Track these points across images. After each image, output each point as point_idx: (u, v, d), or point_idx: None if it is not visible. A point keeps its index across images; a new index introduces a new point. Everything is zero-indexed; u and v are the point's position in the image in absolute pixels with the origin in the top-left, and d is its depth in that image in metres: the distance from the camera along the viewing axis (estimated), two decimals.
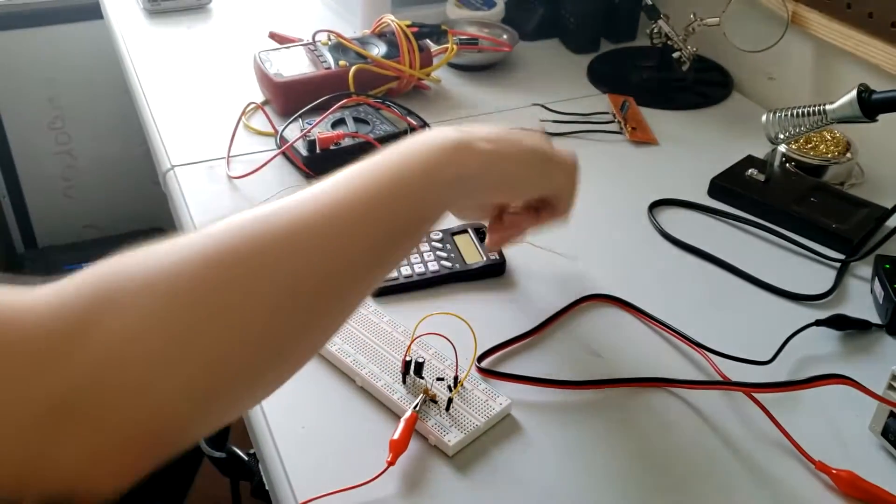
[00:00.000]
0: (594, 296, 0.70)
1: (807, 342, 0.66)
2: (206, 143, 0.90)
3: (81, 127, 1.68)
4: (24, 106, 1.62)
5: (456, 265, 0.71)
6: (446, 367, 0.60)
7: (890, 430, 0.56)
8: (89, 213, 1.77)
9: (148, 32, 1.16)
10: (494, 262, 0.72)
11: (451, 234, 0.74)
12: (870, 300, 0.72)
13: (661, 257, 0.77)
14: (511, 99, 1.02)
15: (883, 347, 0.67)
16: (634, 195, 0.84)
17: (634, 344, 0.66)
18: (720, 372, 0.62)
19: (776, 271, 0.74)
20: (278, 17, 1.22)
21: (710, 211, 0.83)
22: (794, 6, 0.94)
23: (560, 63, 1.14)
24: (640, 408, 0.60)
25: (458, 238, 0.74)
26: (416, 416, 0.56)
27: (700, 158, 0.91)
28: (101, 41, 1.41)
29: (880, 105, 0.74)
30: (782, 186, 0.84)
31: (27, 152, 1.66)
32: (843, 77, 0.93)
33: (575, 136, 0.95)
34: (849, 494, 0.54)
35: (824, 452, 0.56)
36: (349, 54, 0.97)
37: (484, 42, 1.09)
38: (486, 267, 0.71)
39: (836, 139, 0.88)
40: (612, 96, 1.02)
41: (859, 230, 0.78)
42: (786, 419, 0.58)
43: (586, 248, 0.77)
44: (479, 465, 0.55)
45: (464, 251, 0.73)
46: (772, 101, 1.03)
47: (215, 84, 1.03)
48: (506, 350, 0.64)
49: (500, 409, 0.58)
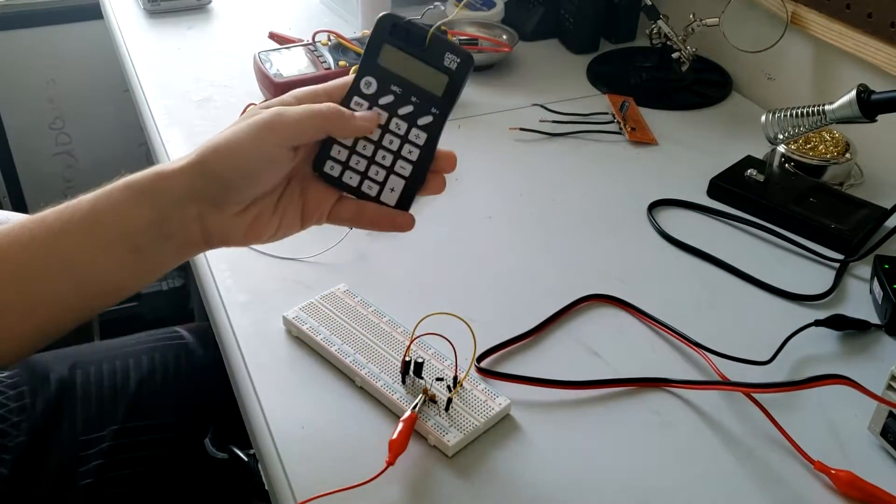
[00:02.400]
0: (594, 296, 0.70)
1: (806, 342, 0.66)
2: None
3: (81, 127, 1.68)
4: (24, 106, 1.62)
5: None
6: (446, 368, 0.60)
7: (889, 430, 0.57)
8: None
9: (148, 32, 1.16)
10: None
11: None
12: (869, 300, 0.72)
13: (661, 257, 0.77)
14: (511, 99, 1.03)
15: (882, 347, 0.67)
16: (634, 195, 0.84)
17: (634, 344, 0.66)
18: (719, 372, 0.62)
19: (775, 271, 0.74)
20: (278, 18, 1.22)
21: (709, 211, 0.83)
22: (793, 6, 0.94)
23: (560, 63, 1.14)
24: (639, 408, 0.60)
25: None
26: (415, 416, 0.56)
27: (699, 159, 0.91)
28: (101, 41, 1.41)
29: (880, 105, 0.74)
30: (782, 187, 0.84)
31: (27, 152, 1.66)
32: (843, 77, 0.93)
33: (574, 137, 0.95)
34: (848, 495, 0.54)
35: (823, 452, 0.56)
36: (349, 54, 0.97)
37: (484, 42, 1.09)
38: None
39: (835, 139, 0.88)
40: (612, 96, 1.02)
41: (858, 230, 0.78)
42: (785, 419, 0.58)
43: (585, 248, 0.77)
44: (479, 465, 0.55)
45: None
46: (771, 101, 1.03)
47: (215, 84, 1.03)
48: (505, 350, 0.64)
49: (499, 410, 0.58)
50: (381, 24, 0.52)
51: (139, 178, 0.50)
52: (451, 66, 0.51)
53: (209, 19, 1.21)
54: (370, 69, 0.52)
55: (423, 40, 0.51)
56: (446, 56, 0.51)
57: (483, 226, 0.80)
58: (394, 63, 0.52)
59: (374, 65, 0.52)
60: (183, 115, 0.96)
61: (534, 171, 0.89)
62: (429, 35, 0.51)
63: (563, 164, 0.90)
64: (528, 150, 0.93)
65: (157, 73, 1.05)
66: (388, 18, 0.52)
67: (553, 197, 0.85)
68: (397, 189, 0.54)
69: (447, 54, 0.51)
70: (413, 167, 0.53)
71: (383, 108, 0.53)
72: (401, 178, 0.54)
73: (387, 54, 0.52)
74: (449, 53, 0.51)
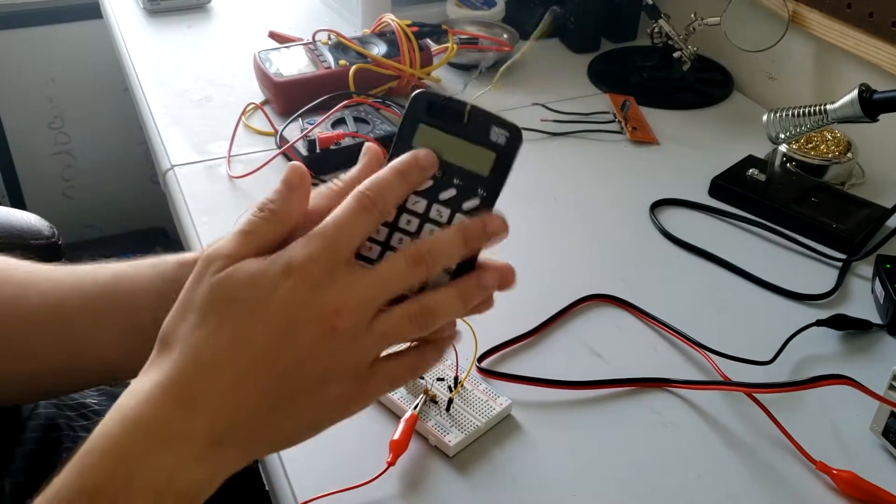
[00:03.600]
0: (594, 296, 0.70)
1: (807, 342, 0.66)
2: (205, 143, 0.90)
3: (81, 126, 1.68)
4: (23, 105, 1.62)
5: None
6: (446, 368, 0.60)
7: (891, 430, 0.56)
8: (89, 212, 1.77)
9: (148, 32, 1.16)
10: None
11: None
12: (870, 300, 0.72)
13: (662, 257, 0.76)
14: (511, 99, 1.02)
15: (883, 347, 0.67)
16: (635, 195, 0.84)
17: (634, 344, 0.66)
18: (721, 372, 0.62)
19: (777, 271, 0.74)
20: (278, 17, 1.22)
21: (711, 211, 0.83)
22: (794, 6, 0.94)
23: (560, 62, 1.13)
24: (640, 408, 0.60)
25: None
26: (416, 416, 0.55)
27: (701, 158, 0.91)
28: (100, 41, 1.41)
29: (881, 105, 0.74)
30: (783, 186, 0.84)
31: (27, 152, 1.66)
32: (844, 77, 0.93)
33: (575, 136, 0.95)
34: (849, 495, 0.54)
35: (825, 453, 0.56)
36: (349, 54, 0.96)
37: (484, 41, 1.09)
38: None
39: (836, 139, 0.88)
40: (613, 96, 1.02)
41: (860, 230, 0.77)
42: (786, 419, 0.57)
43: (587, 247, 0.77)
44: (480, 465, 0.55)
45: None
46: (772, 100, 1.03)
47: (215, 84, 1.02)
48: (506, 350, 0.64)
49: (500, 410, 0.57)
50: (415, 103, 0.45)
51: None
52: (499, 140, 0.44)
53: (209, 18, 1.21)
54: (404, 152, 0.44)
55: (462, 116, 0.44)
56: (492, 130, 0.44)
57: None
58: (431, 144, 0.44)
59: (408, 147, 0.44)
60: (182, 114, 0.96)
61: (535, 171, 0.88)
62: (467, 111, 0.44)
63: (564, 164, 0.90)
64: (529, 149, 0.92)
65: (156, 72, 1.05)
66: (424, 97, 0.45)
67: (554, 196, 0.85)
68: (442, 281, 0.44)
69: (493, 128, 0.44)
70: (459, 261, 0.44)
71: (421, 194, 0.44)
72: (446, 274, 0.44)
73: (423, 135, 0.45)
74: (495, 127, 0.44)
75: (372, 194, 0.40)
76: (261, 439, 0.39)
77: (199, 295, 0.38)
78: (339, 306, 0.38)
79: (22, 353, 0.50)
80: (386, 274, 0.40)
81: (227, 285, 0.38)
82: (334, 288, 0.38)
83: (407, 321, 0.40)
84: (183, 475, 0.36)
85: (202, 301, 0.38)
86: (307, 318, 0.37)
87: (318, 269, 0.38)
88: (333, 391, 0.39)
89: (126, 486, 0.35)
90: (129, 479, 0.35)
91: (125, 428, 0.36)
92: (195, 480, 0.37)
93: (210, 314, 0.38)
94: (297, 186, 0.41)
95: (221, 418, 0.37)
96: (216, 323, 0.38)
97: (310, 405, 0.39)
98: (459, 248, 0.42)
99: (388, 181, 0.41)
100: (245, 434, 0.38)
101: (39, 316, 0.49)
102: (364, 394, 0.41)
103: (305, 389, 0.38)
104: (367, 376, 0.40)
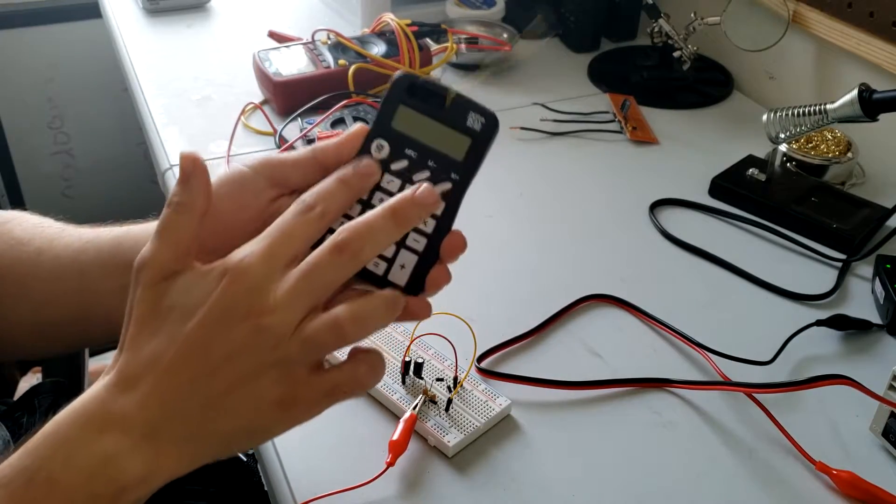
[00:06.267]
0: (594, 296, 0.70)
1: (807, 342, 0.66)
2: (205, 143, 0.90)
3: (80, 126, 1.68)
4: (22, 105, 1.62)
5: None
6: (446, 368, 0.60)
7: (891, 430, 0.56)
8: (88, 212, 1.76)
9: (147, 32, 1.16)
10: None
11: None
12: (870, 300, 0.72)
13: (662, 257, 0.76)
14: (511, 98, 1.02)
15: (883, 348, 0.67)
16: (635, 195, 0.84)
17: (634, 344, 0.66)
18: (720, 372, 0.62)
19: (777, 271, 0.74)
20: (278, 16, 1.22)
21: (710, 211, 0.83)
22: (794, 5, 0.94)
23: (560, 62, 1.13)
24: (640, 408, 0.60)
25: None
26: (415, 416, 0.55)
27: (701, 158, 0.91)
28: (100, 40, 1.41)
29: (881, 104, 0.74)
30: (783, 186, 0.84)
31: (26, 152, 1.66)
32: (844, 76, 0.93)
33: (575, 136, 0.95)
34: (849, 495, 0.54)
35: (825, 453, 0.56)
36: (349, 53, 0.96)
37: (484, 41, 1.09)
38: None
39: (836, 139, 0.88)
40: (613, 95, 1.02)
41: (860, 230, 0.77)
42: (786, 419, 0.57)
43: (586, 247, 0.77)
44: (479, 465, 0.55)
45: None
46: (772, 100, 1.03)
47: (214, 83, 1.02)
48: (506, 350, 0.64)
49: (499, 410, 0.57)
50: (397, 85, 0.46)
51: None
52: (475, 126, 0.45)
53: (208, 18, 1.21)
54: (382, 132, 0.45)
55: (443, 101, 0.45)
56: (469, 116, 0.45)
57: (483, 225, 0.80)
58: (409, 126, 0.46)
59: (387, 127, 0.45)
60: (182, 114, 0.96)
61: (534, 171, 0.88)
62: (448, 95, 0.45)
63: (564, 164, 0.90)
64: (529, 149, 0.93)
65: (155, 71, 1.05)
66: (406, 78, 0.46)
67: (554, 196, 0.84)
68: (408, 266, 0.45)
69: (470, 114, 0.45)
70: (428, 241, 0.45)
71: (395, 174, 0.45)
72: (413, 254, 0.45)
73: (402, 116, 0.46)
74: (472, 113, 0.45)
75: (312, 201, 0.42)
76: (198, 439, 0.40)
77: (138, 304, 0.41)
78: (270, 305, 0.39)
79: (39, 302, 0.53)
80: (309, 266, 0.40)
81: (166, 292, 0.40)
82: (270, 289, 0.39)
83: (328, 326, 0.40)
84: (117, 462, 0.38)
85: (141, 311, 0.40)
86: (239, 315, 0.39)
87: (256, 270, 0.40)
88: (269, 393, 0.39)
89: (63, 466, 0.38)
90: (67, 459, 0.38)
91: (68, 415, 0.39)
92: (128, 470, 0.38)
93: (150, 320, 0.40)
94: (192, 173, 0.43)
95: (154, 402, 0.39)
96: (156, 327, 0.40)
97: (245, 404, 0.39)
98: (390, 227, 0.42)
99: (330, 190, 0.43)
100: (180, 430, 0.39)
101: (59, 266, 0.53)
102: (304, 401, 0.41)
103: (238, 385, 0.39)
104: (305, 382, 0.40)
